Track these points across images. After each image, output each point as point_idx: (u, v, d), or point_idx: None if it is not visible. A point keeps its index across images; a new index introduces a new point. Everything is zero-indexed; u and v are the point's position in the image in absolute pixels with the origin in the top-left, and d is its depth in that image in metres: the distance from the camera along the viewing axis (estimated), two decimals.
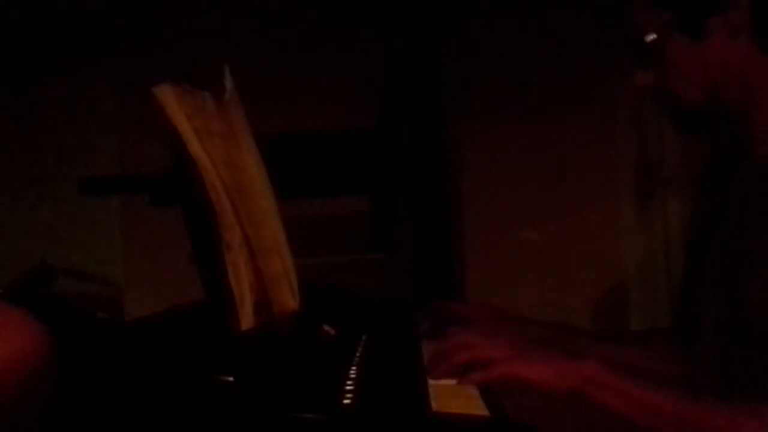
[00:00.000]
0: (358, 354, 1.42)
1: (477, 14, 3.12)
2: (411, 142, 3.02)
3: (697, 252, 1.57)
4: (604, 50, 2.96)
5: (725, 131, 1.50)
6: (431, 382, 1.31)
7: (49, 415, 0.86)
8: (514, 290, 3.10)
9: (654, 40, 1.42)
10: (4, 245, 3.20)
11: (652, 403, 1.28)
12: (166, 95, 1.18)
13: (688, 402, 1.30)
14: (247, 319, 1.19)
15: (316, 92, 3.10)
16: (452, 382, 1.31)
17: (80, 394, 0.93)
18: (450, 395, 1.23)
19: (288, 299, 1.42)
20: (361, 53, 3.08)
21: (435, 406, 1.15)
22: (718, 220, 1.49)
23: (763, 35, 1.38)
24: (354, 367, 1.30)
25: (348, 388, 1.16)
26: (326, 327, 1.49)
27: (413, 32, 3.03)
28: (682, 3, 1.40)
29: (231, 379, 0.95)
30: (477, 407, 1.18)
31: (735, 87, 1.41)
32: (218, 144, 1.27)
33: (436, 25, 3.08)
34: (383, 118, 2.97)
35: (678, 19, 1.40)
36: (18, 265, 2.95)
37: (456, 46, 3.12)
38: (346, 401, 1.09)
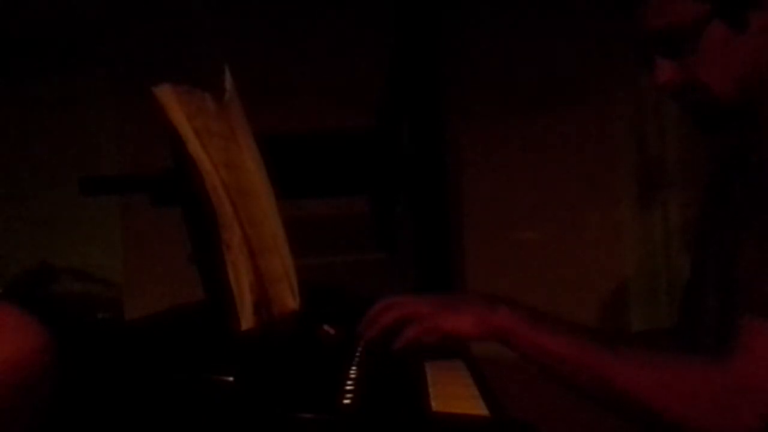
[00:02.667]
0: (358, 354, 1.41)
1: (477, 14, 3.12)
2: (411, 142, 3.02)
3: (700, 252, 1.57)
4: (604, 50, 2.96)
5: (735, 129, 1.49)
6: (431, 381, 1.32)
7: (49, 415, 0.86)
8: (514, 290, 3.09)
9: (690, 30, 1.39)
10: (4, 245, 3.20)
11: (555, 349, 1.33)
12: (166, 95, 1.18)
13: (603, 348, 1.33)
14: (247, 319, 1.19)
15: (316, 92, 3.10)
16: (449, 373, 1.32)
17: (80, 394, 0.93)
18: (450, 395, 1.23)
19: (288, 299, 1.42)
20: (361, 53, 3.08)
21: (435, 406, 1.15)
22: (719, 219, 1.49)
23: None
24: (354, 367, 1.30)
25: (348, 388, 1.16)
26: (326, 327, 1.49)
27: (413, 32, 3.03)
28: None
29: (231, 379, 0.95)
30: (477, 407, 1.18)
31: (759, 82, 1.41)
32: (218, 144, 1.27)
33: (435, 25, 3.08)
34: (383, 118, 2.97)
35: (717, 9, 1.38)
36: (18, 265, 2.95)
37: (456, 45, 3.12)
38: (346, 401, 1.09)
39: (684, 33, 1.39)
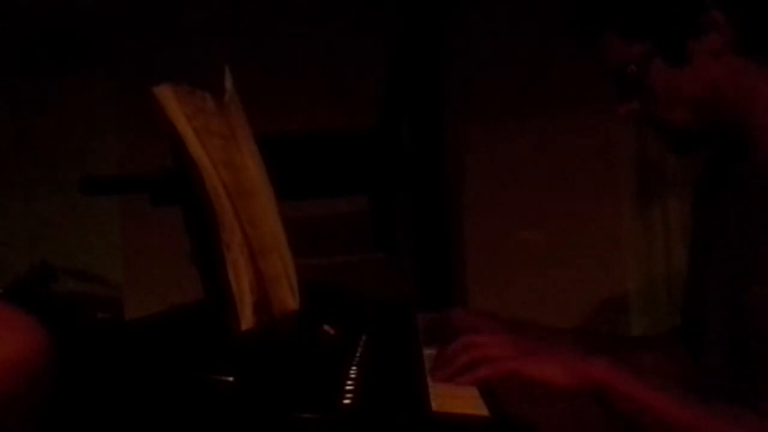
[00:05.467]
0: (358, 354, 1.41)
1: (477, 14, 3.12)
2: (411, 142, 3.02)
3: (700, 258, 1.56)
4: None
5: (719, 140, 1.49)
6: (431, 381, 1.31)
7: (49, 416, 0.86)
8: (514, 290, 3.10)
9: (634, 71, 1.40)
10: (4, 245, 3.20)
11: (662, 407, 1.25)
12: (166, 95, 1.18)
13: (699, 408, 1.27)
14: (247, 319, 1.19)
15: (316, 92, 3.10)
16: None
17: (80, 394, 0.93)
18: (450, 395, 1.23)
19: (288, 299, 1.42)
20: (361, 53, 3.08)
21: (435, 406, 1.15)
22: (719, 225, 1.49)
23: (751, 52, 1.37)
24: (354, 367, 1.30)
25: (348, 388, 1.15)
26: (326, 327, 1.49)
27: (413, 32, 3.03)
28: (659, 31, 1.38)
29: (231, 379, 0.95)
30: (477, 407, 1.17)
31: (727, 102, 1.40)
32: (218, 144, 1.27)
33: (436, 25, 3.08)
34: (383, 118, 2.97)
35: (656, 47, 1.39)
36: (18, 265, 2.95)
37: (456, 45, 3.12)
38: (346, 401, 1.09)
39: (629, 72, 1.40)
